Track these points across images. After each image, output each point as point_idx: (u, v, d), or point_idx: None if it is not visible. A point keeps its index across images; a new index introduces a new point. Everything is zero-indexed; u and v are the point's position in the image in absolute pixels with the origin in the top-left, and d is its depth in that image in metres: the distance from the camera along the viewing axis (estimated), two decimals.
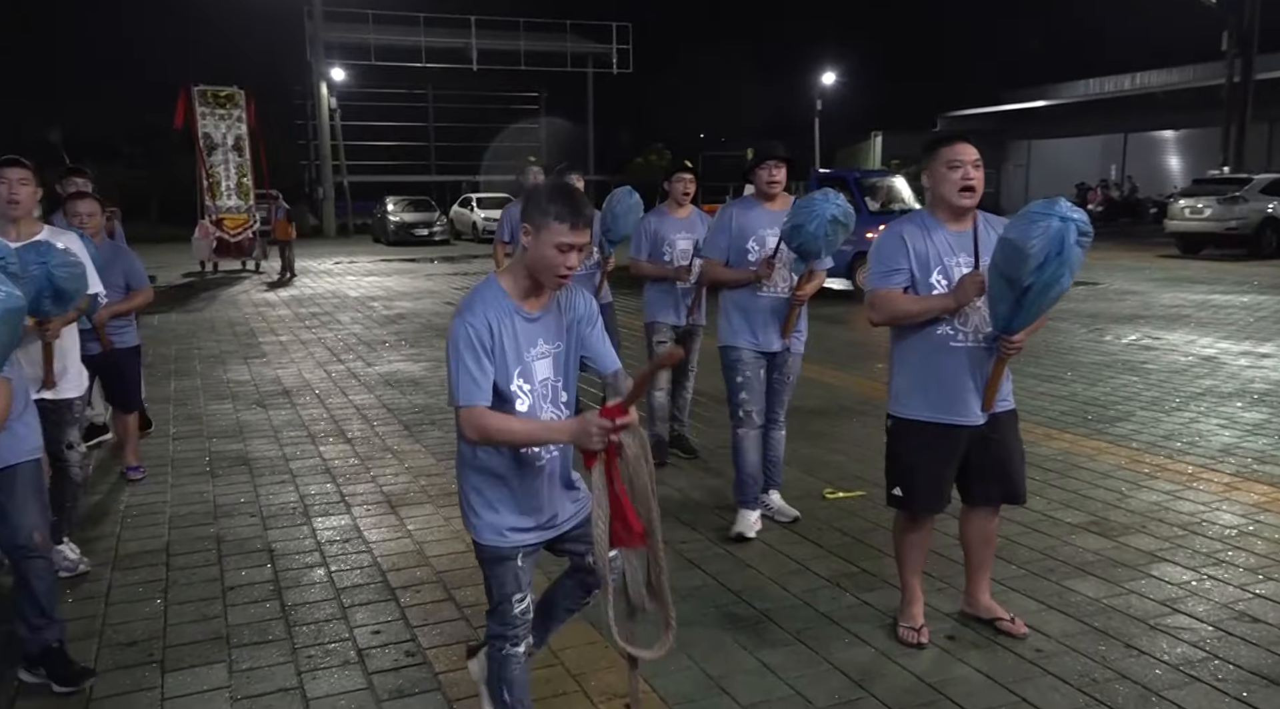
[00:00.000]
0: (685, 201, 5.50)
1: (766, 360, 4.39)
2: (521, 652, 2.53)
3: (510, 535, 2.47)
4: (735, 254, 4.37)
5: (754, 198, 4.48)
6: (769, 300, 4.32)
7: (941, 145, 3.21)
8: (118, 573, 4.03)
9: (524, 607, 2.50)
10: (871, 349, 8.91)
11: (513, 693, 2.53)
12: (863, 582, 3.88)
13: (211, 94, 18.34)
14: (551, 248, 2.32)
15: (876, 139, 38.60)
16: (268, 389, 7.85)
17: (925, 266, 3.20)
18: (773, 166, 4.36)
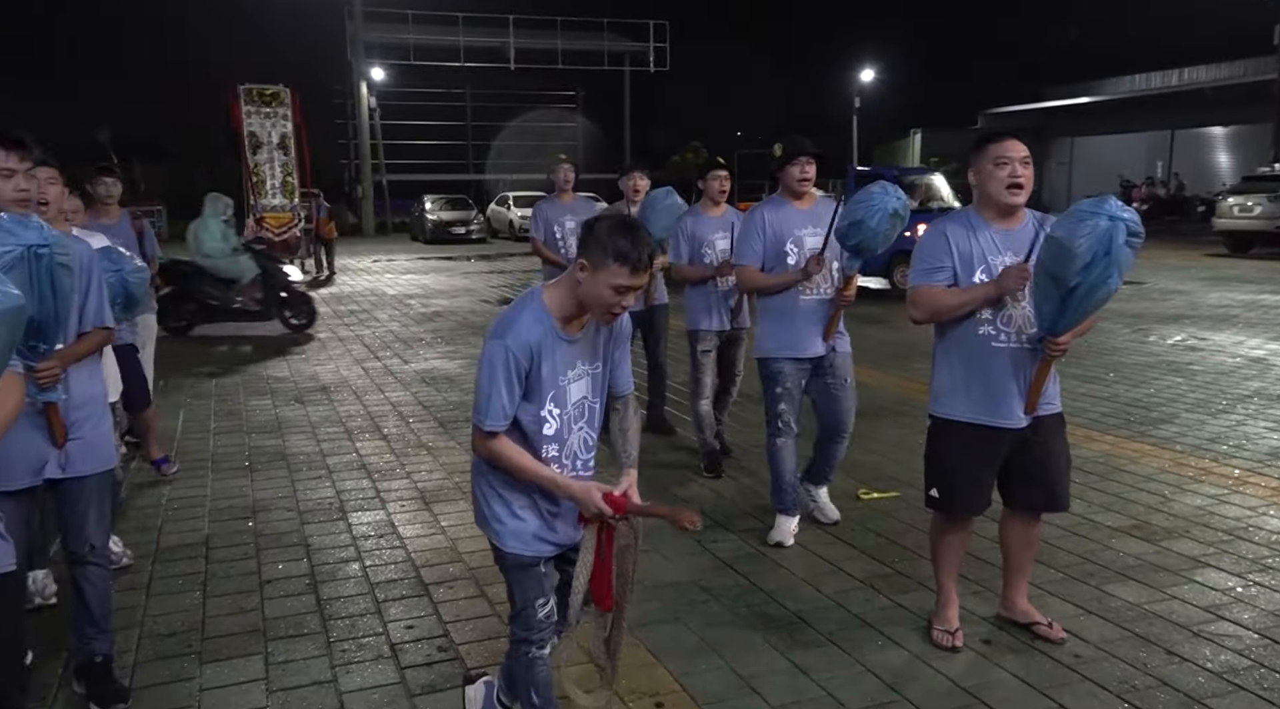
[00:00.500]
0: (721, 200, 5.39)
1: (811, 366, 4.26)
2: (546, 654, 2.56)
3: (535, 544, 2.48)
4: (772, 258, 4.24)
5: (782, 197, 4.33)
6: (812, 302, 4.19)
7: (989, 142, 3.16)
8: (158, 565, 4.10)
9: (548, 611, 2.53)
10: (908, 349, 8.81)
11: (540, 694, 2.56)
12: (897, 583, 3.84)
13: (257, 92, 18.25)
14: (608, 288, 2.29)
15: (915, 137, 38.17)
16: (306, 386, 7.95)
17: (968, 265, 3.15)
18: (804, 163, 4.23)
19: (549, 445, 2.42)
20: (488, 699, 2.82)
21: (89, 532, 2.98)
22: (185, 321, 10.71)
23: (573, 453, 2.48)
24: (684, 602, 3.69)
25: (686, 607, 3.65)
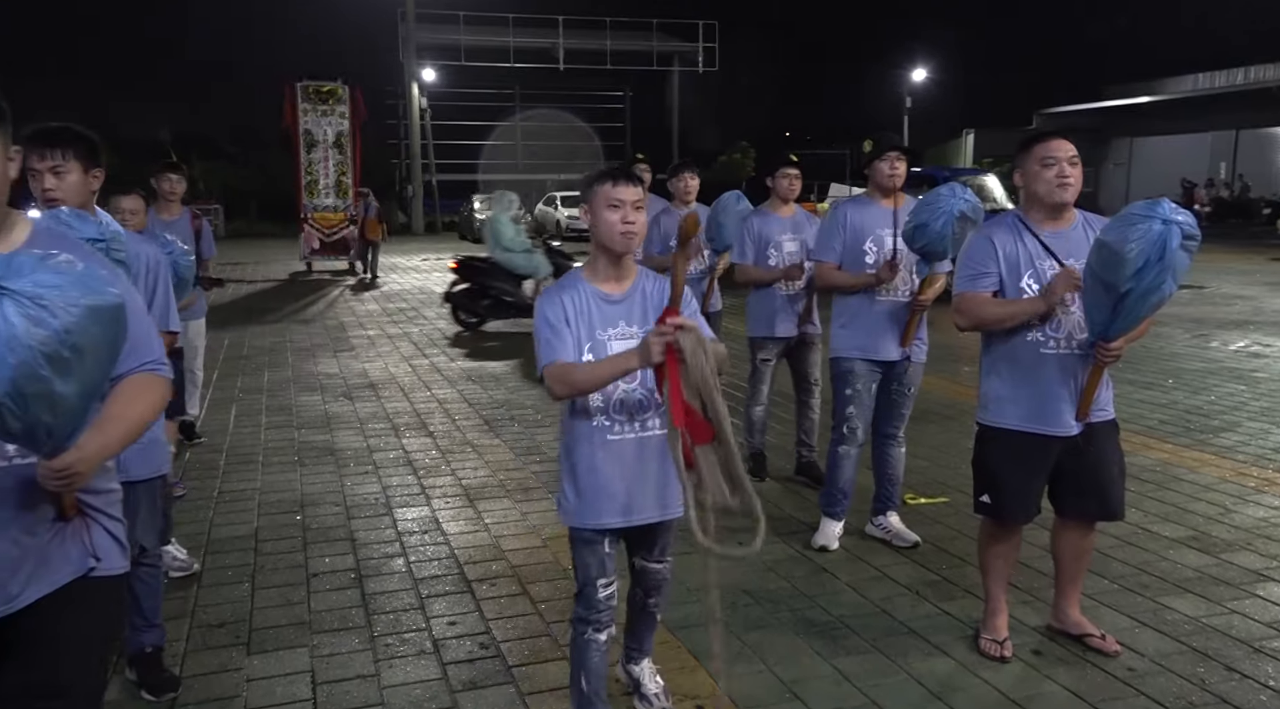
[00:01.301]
0: (791, 198, 5.10)
1: (883, 371, 4.16)
2: (603, 639, 2.60)
3: (591, 519, 2.56)
4: (850, 256, 4.13)
5: (869, 195, 4.24)
6: (887, 305, 4.08)
7: (1035, 142, 3.09)
8: (210, 556, 4.18)
9: (608, 593, 2.59)
10: (958, 352, 8.67)
11: (590, 681, 2.59)
12: (943, 590, 3.77)
13: (314, 90, 17.80)
14: (605, 211, 2.46)
15: (968, 137, 37.61)
16: (355, 382, 8.06)
17: (1015, 270, 3.08)
18: (894, 158, 4.11)
19: (595, 397, 2.50)
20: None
21: (138, 534, 3.03)
22: (478, 317, 10.85)
23: (620, 404, 2.51)
24: (726, 604, 3.66)
25: (729, 610, 3.62)
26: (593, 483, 2.54)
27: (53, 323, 1.49)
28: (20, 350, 1.47)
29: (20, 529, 1.76)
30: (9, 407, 1.50)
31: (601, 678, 2.60)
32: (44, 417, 1.56)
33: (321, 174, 18.14)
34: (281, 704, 2.97)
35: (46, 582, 1.82)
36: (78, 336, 1.53)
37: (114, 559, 1.94)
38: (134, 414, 1.88)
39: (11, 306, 1.47)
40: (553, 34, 37.73)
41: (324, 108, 17.91)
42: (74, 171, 2.89)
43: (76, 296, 1.53)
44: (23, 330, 1.47)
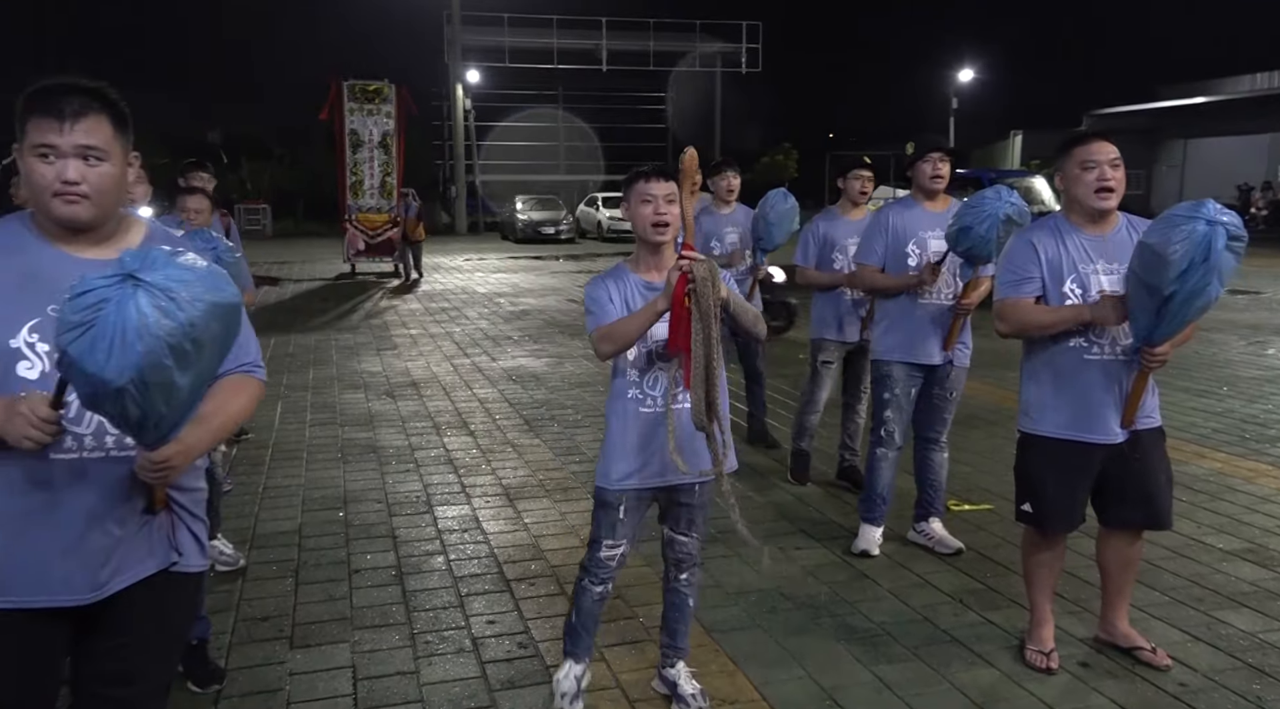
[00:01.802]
0: (862, 202, 4.96)
1: (924, 375, 4.11)
2: (599, 591, 2.89)
3: (614, 480, 2.77)
4: (893, 259, 4.09)
5: (913, 197, 4.20)
6: (930, 308, 4.03)
7: (1075, 144, 3.02)
8: (255, 551, 4.24)
9: (611, 554, 2.84)
10: (1005, 356, 8.52)
11: (579, 617, 2.94)
12: (987, 599, 3.71)
13: (360, 88, 17.42)
14: (639, 206, 2.70)
15: (1015, 138, 37.07)
16: (397, 380, 8.14)
17: (1057, 275, 3.02)
18: (937, 160, 4.08)
19: (631, 371, 2.75)
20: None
21: None
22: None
23: (654, 381, 2.74)
24: (765, 609, 3.64)
25: (768, 614, 3.59)
26: (621, 447, 2.77)
27: (180, 316, 1.55)
28: (149, 339, 1.52)
29: (113, 520, 1.82)
30: (131, 392, 1.55)
31: (591, 617, 2.94)
32: (160, 406, 1.62)
33: (367, 174, 17.66)
34: (323, 699, 3.01)
35: (131, 573, 1.87)
36: (200, 331, 1.59)
37: (194, 556, 1.99)
38: (228, 413, 1.94)
39: (145, 298, 1.53)
40: (596, 35, 37.88)
41: (370, 107, 17.54)
42: None
43: (202, 293, 1.59)
44: (153, 321, 1.53)
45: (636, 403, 2.75)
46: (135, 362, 1.53)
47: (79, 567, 1.80)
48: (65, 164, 1.75)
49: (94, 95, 1.78)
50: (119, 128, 1.81)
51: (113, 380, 1.53)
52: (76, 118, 1.74)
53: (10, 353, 1.76)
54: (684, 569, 2.95)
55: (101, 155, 1.77)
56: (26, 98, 1.77)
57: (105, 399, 1.58)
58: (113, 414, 1.63)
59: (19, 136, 1.78)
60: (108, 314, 1.52)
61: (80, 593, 1.82)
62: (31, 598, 1.79)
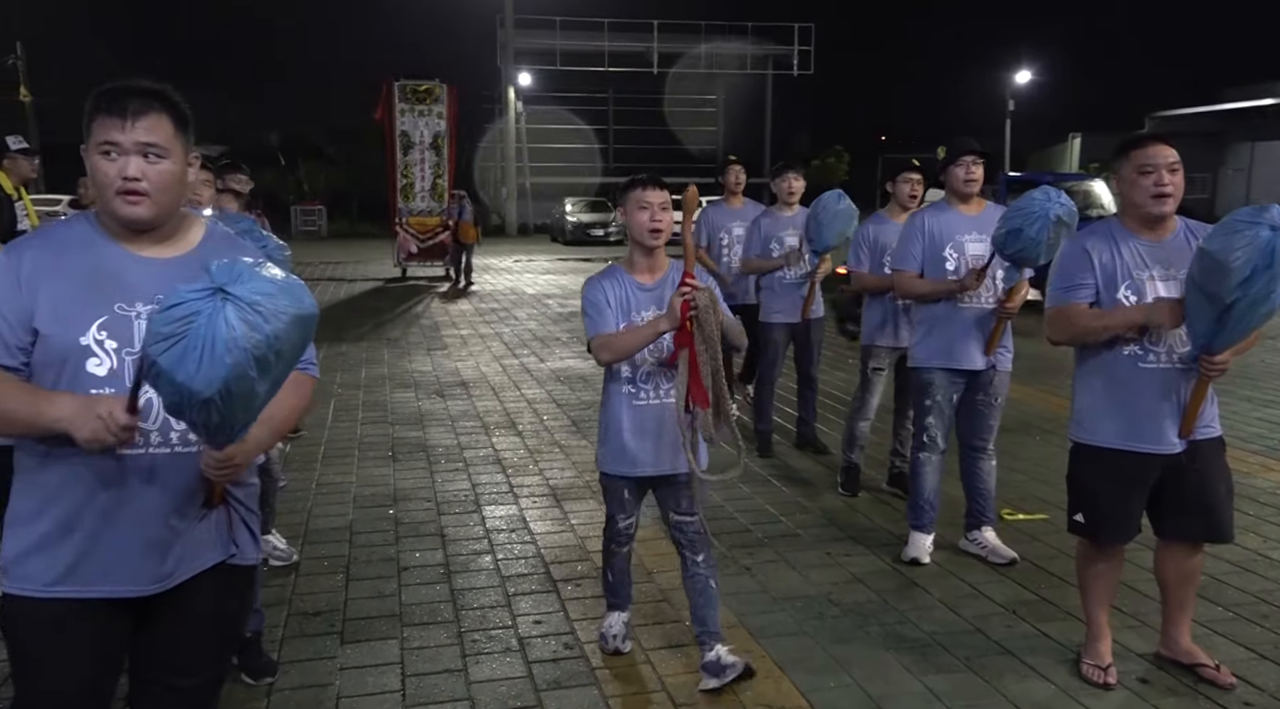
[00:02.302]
0: (912, 206, 4.85)
1: (967, 380, 4.04)
2: (624, 551, 3.27)
3: (617, 466, 3.08)
4: (930, 264, 4.04)
5: (947, 201, 4.14)
6: (972, 313, 3.96)
7: (1133, 147, 2.94)
8: (307, 547, 4.31)
9: (625, 525, 3.20)
10: (1060, 363, 8.35)
11: (614, 576, 3.29)
12: (1042, 611, 3.63)
13: (411, 89, 17.07)
14: (636, 212, 2.96)
15: (1074, 141, 36.32)
16: (447, 380, 8.22)
17: (1111, 281, 2.94)
18: (970, 163, 4.02)
19: (625, 369, 3.01)
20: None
21: None
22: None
23: (647, 376, 3.02)
24: (812, 615, 3.60)
25: (815, 620, 3.56)
26: (619, 439, 3.05)
27: (265, 328, 1.59)
28: (238, 352, 1.56)
29: (175, 513, 1.87)
30: (217, 403, 1.59)
31: (624, 574, 3.28)
32: (239, 413, 1.66)
33: (417, 176, 17.35)
34: (372, 694, 3.04)
35: (193, 565, 1.92)
36: (283, 343, 1.63)
37: (248, 550, 2.04)
38: (287, 411, 1.99)
39: (234, 311, 1.56)
40: (647, 38, 37.94)
41: (421, 107, 17.19)
42: None
43: (286, 305, 1.62)
44: (241, 334, 1.56)
45: (630, 397, 3.03)
46: (223, 374, 1.56)
47: (145, 559, 1.85)
48: (127, 161, 1.79)
49: (156, 96, 1.82)
50: (179, 127, 1.85)
51: (201, 392, 1.57)
52: (138, 116, 1.78)
53: (80, 350, 1.80)
54: (698, 550, 3.11)
55: (162, 153, 1.81)
56: (93, 99, 1.82)
57: (191, 408, 1.61)
58: (194, 421, 1.67)
59: (85, 137, 1.83)
60: (198, 327, 1.55)
61: (146, 584, 1.87)
62: (100, 588, 1.84)
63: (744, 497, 5.05)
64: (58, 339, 1.79)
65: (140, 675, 2.01)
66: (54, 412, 1.72)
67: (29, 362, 1.81)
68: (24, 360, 1.80)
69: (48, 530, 1.83)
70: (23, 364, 1.80)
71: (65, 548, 1.82)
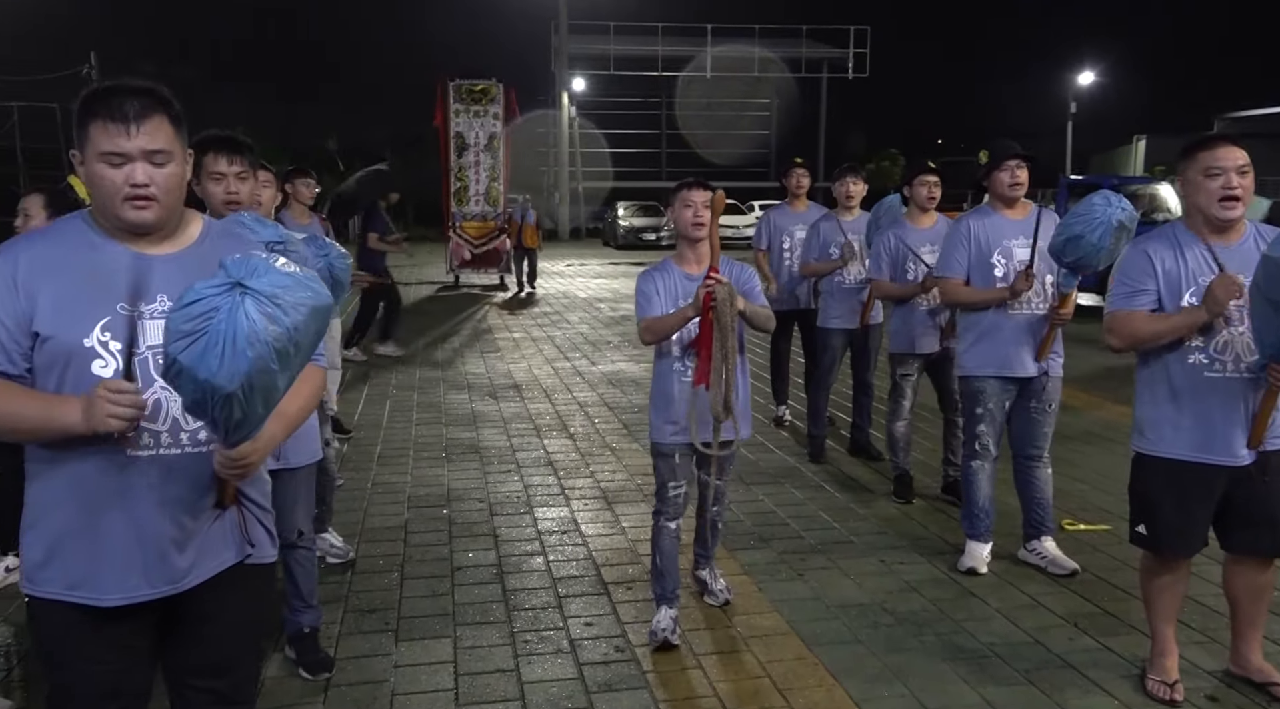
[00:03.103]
0: (930, 207, 4.95)
1: (1018, 387, 3.97)
2: (673, 527, 3.47)
3: (668, 436, 3.40)
4: (977, 270, 3.97)
5: (991, 205, 4.06)
6: (1023, 318, 3.89)
7: (1199, 148, 2.85)
8: (363, 545, 4.37)
9: (676, 493, 3.45)
10: (1120, 371, 8.14)
11: (662, 560, 3.45)
12: (1105, 625, 3.54)
13: (466, 89, 16.38)
14: (681, 210, 3.35)
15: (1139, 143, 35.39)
16: (499, 382, 8.30)
17: (1175, 288, 2.86)
18: (1014, 167, 3.94)
19: (674, 347, 3.37)
20: None
21: (297, 518, 3.21)
22: None
23: (691, 355, 3.32)
24: (866, 623, 3.56)
25: (869, 629, 3.51)
26: (666, 410, 3.39)
27: (285, 320, 1.60)
28: (259, 345, 1.57)
29: (185, 512, 1.87)
30: (239, 397, 1.60)
31: (671, 557, 3.46)
32: (259, 408, 1.66)
33: (472, 180, 16.53)
34: (426, 692, 3.08)
35: (209, 566, 1.92)
36: (301, 334, 1.63)
37: (265, 548, 2.04)
38: (300, 406, 1.98)
39: (253, 304, 1.57)
40: (701, 42, 37.93)
41: (476, 108, 16.41)
42: (250, 177, 3.07)
43: (304, 297, 1.63)
44: (262, 327, 1.57)
45: (678, 374, 3.39)
46: (245, 368, 1.56)
47: (158, 559, 1.84)
48: (133, 168, 1.76)
49: (153, 97, 1.79)
50: (178, 126, 1.82)
51: (224, 387, 1.57)
52: (140, 121, 1.75)
53: (85, 352, 1.78)
54: (716, 502, 3.65)
55: (166, 157, 1.79)
56: (86, 102, 1.77)
57: (214, 405, 1.61)
58: (216, 418, 1.66)
59: (79, 142, 1.79)
60: (218, 322, 1.55)
61: (161, 585, 1.86)
62: (114, 595, 1.83)
63: (796, 502, 5.00)
64: (60, 340, 1.77)
65: (175, 679, 2.01)
66: (64, 417, 1.71)
67: (31, 368, 1.79)
68: (26, 367, 1.78)
69: (60, 537, 1.82)
70: (25, 371, 1.78)
71: (78, 554, 1.82)
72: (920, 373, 5.02)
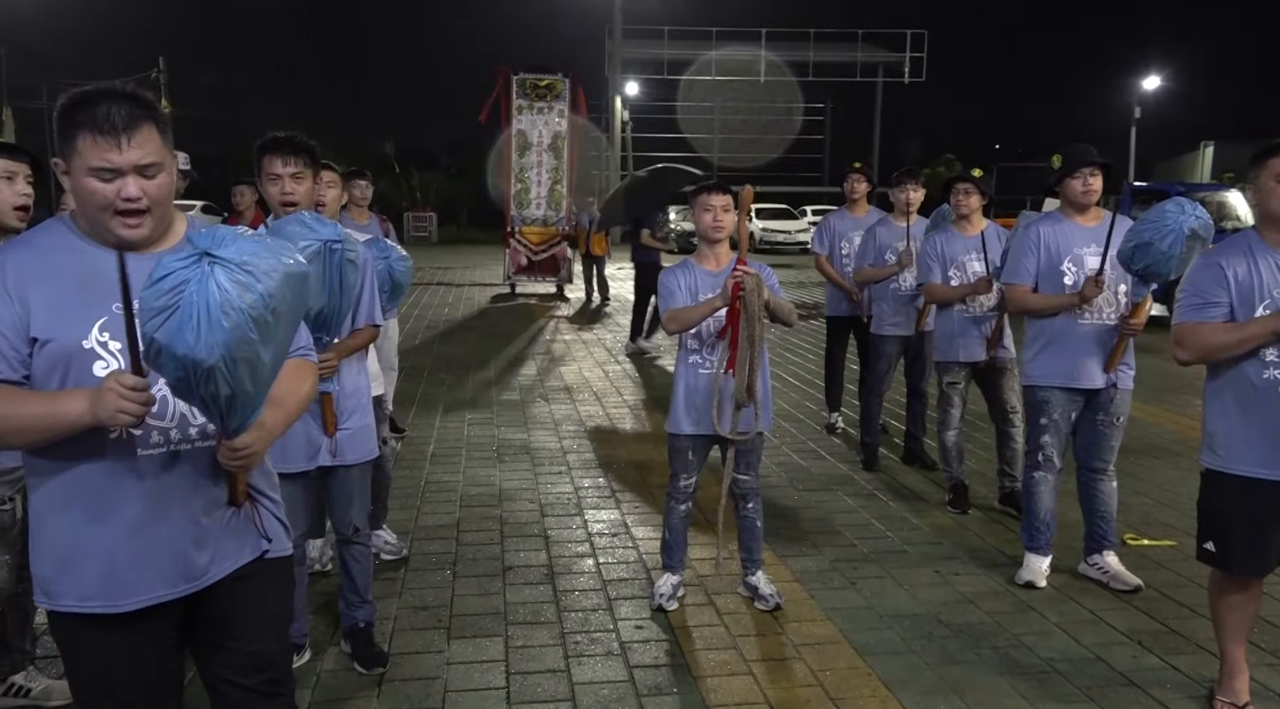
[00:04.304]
0: (971, 215, 4.94)
1: (1085, 399, 3.87)
2: (682, 510, 3.75)
3: (684, 426, 3.61)
4: (1046, 278, 3.88)
5: (1063, 212, 3.97)
6: (1092, 328, 3.80)
7: (1271, 154, 2.75)
8: (416, 542, 4.42)
9: (687, 483, 3.71)
10: (1189, 382, 7.93)
11: (671, 535, 3.76)
12: (1170, 643, 3.43)
13: (530, 84, 15.14)
14: (701, 214, 3.56)
15: (1206, 150, 34.44)
16: (551, 384, 8.34)
17: (1248, 300, 2.76)
18: (1088, 174, 3.84)
19: (693, 341, 3.56)
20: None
21: (353, 515, 3.26)
22: None
23: (712, 347, 3.52)
24: (921, 634, 3.50)
25: (924, 640, 3.45)
26: (686, 402, 3.59)
27: (258, 287, 1.57)
28: (234, 314, 1.54)
29: (200, 508, 1.86)
30: (223, 370, 1.57)
31: (680, 534, 3.76)
32: (246, 384, 1.63)
33: (534, 181, 15.38)
34: (478, 690, 3.09)
35: (229, 562, 1.92)
36: (278, 301, 1.61)
37: (282, 540, 2.03)
38: (298, 397, 1.97)
39: (223, 273, 1.54)
40: (755, 46, 37.78)
41: (540, 104, 15.20)
42: (308, 179, 3.11)
43: (275, 264, 1.61)
44: (235, 295, 1.54)
45: (697, 366, 3.57)
46: (224, 338, 1.53)
47: (175, 558, 1.83)
48: (124, 182, 1.73)
49: (139, 104, 1.74)
50: (164, 134, 1.78)
51: (205, 359, 1.53)
52: (130, 132, 1.71)
53: (85, 354, 1.75)
54: (749, 500, 3.74)
55: (157, 168, 1.76)
56: (68, 110, 1.72)
57: (199, 381, 1.57)
58: (204, 397, 1.62)
59: (64, 151, 1.74)
60: (190, 294, 1.52)
61: (179, 584, 1.84)
62: (132, 600, 1.81)
63: (849, 510, 4.95)
64: (59, 343, 1.74)
65: (214, 680, 1.99)
66: (71, 410, 1.68)
67: (29, 375, 1.76)
68: (25, 374, 1.76)
69: (71, 546, 1.79)
70: (24, 377, 1.76)
71: (92, 562, 1.79)
72: (968, 381, 4.94)
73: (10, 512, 2.74)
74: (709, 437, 3.60)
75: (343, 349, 3.11)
